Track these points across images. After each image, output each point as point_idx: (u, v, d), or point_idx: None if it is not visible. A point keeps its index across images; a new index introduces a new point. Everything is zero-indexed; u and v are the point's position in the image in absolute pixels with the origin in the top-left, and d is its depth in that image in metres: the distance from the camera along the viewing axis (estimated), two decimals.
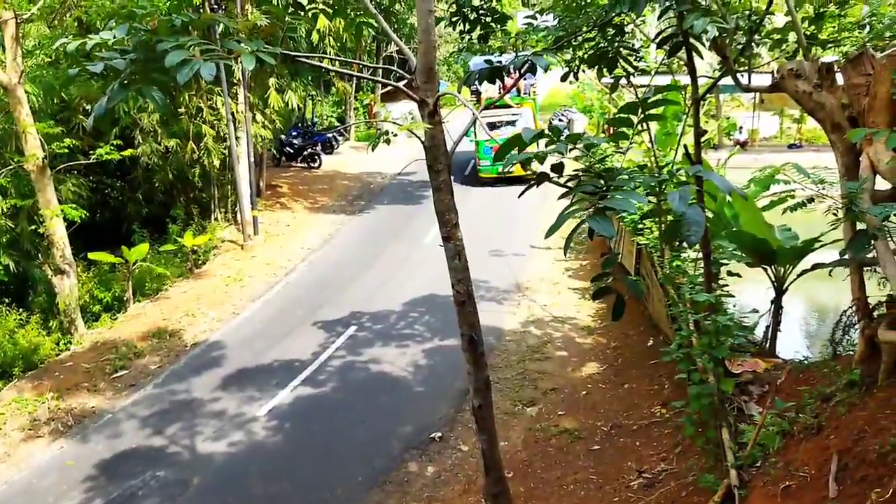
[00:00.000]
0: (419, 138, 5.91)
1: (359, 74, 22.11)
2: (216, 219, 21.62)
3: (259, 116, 21.79)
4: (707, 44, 7.07)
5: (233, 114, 19.37)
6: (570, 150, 4.56)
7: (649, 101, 4.65)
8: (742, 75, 7.62)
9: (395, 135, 7.89)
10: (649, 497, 7.30)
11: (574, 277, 15.59)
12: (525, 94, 24.82)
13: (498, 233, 18.38)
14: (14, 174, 14.38)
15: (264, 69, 19.67)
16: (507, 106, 23.11)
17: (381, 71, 31.60)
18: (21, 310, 14.50)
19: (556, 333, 12.71)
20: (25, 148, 13.58)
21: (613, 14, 6.43)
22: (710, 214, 9.46)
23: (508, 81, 18.24)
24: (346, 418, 10.50)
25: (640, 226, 12.82)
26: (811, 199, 7.87)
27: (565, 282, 15.35)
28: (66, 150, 14.48)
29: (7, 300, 14.59)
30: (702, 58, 7.55)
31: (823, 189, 8.04)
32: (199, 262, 18.57)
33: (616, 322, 12.66)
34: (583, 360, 11.51)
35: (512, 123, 22.84)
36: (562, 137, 4.17)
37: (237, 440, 10.16)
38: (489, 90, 23.96)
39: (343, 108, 38.94)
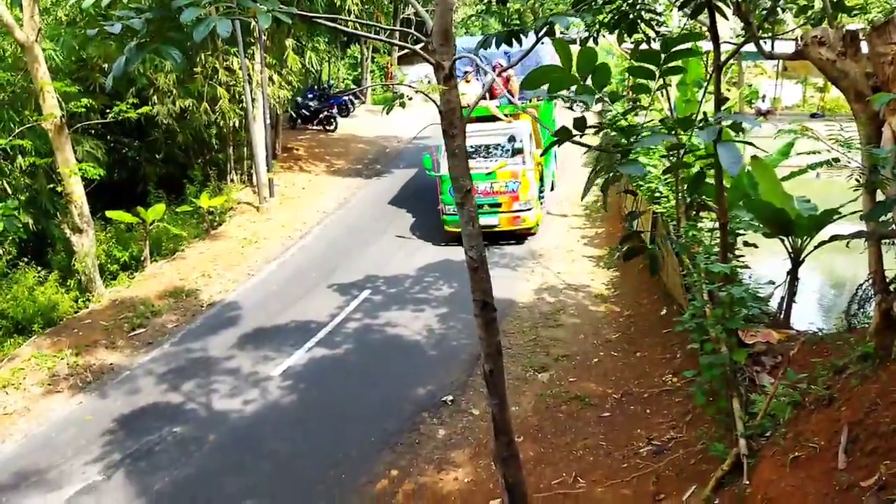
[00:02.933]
0: (434, 102, 5.86)
1: (375, 37, 21.81)
2: (232, 180, 21.68)
3: (276, 77, 21.68)
4: (731, 8, 6.92)
5: (249, 74, 19.27)
6: (598, 100, 4.54)
7: (671, 49, 4.56)
8: (765, 42, 7.46)
9: (411, 98, 7.83)
10: (658, 464, 7.36)
11: (589, 245, 15.54)
12: (522, 99, 16.23)
13: None
14: (32, 133, 14.43)
15: (281, 29, 19.37)
16: (495, 119, 15.79)
17: (398, 33, 31.30)
18: (40, 268, 14.68)
19: (569, 301, 12.71)
20: (43, 107, 13.60)
21: None
22: (727, 185, 9.36)
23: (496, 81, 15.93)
24: (360, 380, 10.63)
25: (657, 194, 12.74)
26: (836, 160, 7.76)
27: (580, 249, 15.31)
28: (84, 110, 14.50)
29: (26, 258, 14.77)
30: (726, 18, 7.38)
31: (848, 153, 7.92)
32: (215, 223, 18.68)
33: (629, 290, 12.68)
34: (595, 328, 11.53)
35: (498, 147, 15.63)
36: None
37: (252, 399, 10.32)
38: (467, 93, 14.76)
39: (359, 70, 38.64)
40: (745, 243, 9.85)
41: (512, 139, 15.73)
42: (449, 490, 7.90)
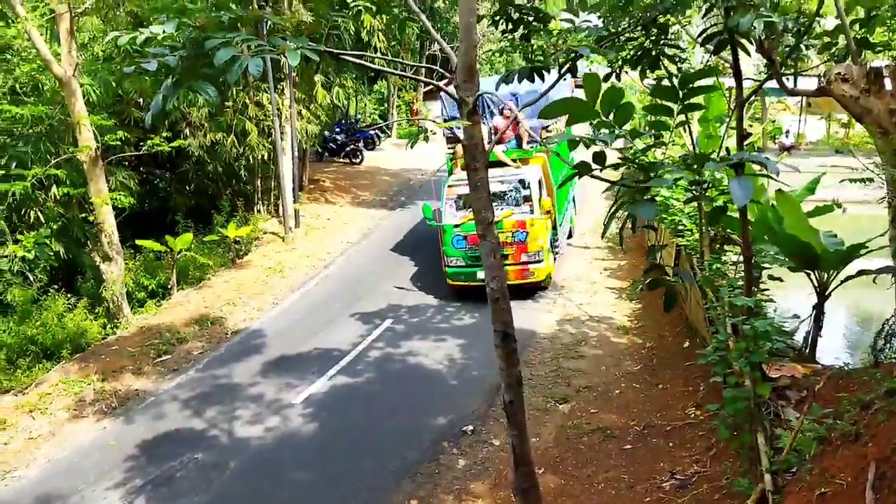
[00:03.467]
0: (458, 137, 6.00)
1: (401, 73, 22.14)
2: (259, 211, 22.02)
3: (304, 112, 22.12)
4: (754, 44, 6.99)
5: (278, 109, 19.71)
6: (618, 137, 4.61)
7: (689, 86, 4.62)
8: (788, 79, 7.50)
9: (434, 133, 8.00)
10: (681, 499, 7.26)
11: (612, 277, 15.50)
12: (532, 143, 15.35)
13: None
14: (68, 164, 14.85)
15: (310, 66, 19.75)
16: (502, 164, 14.65)
17: (423, 70, 31.79)
18: (70, 295, 14.95)
19: (591, 332, 12.67)
20: (79, 139, 14.03)
21: (657, 13, 6.40)
22: (752, 218, 9.35)
23: (500, 122, 14.77)
24: (381, 409, 10.64)
25: (681, 227, 12.71)
26: (871, 180, 7.74)
27: (602, 281, 15.27)
28: (119, 143, 14.93)
29: (56, 285, 15.05)
30: (749, 55, 7.45)
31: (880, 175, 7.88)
32: (242, 252, 18.95)
33: (652, 322, 12.60)
34: (617, 360, 11.46)
35: (505, 195, 14.38)
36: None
37: (273, 426, 10.37)
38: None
39: (386, 105, 39.25)
40: (770, 277, 9.78)
41: (519, 187, 14.45)
42: None
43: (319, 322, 14.25)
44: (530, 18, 7.42)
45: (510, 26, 7.43)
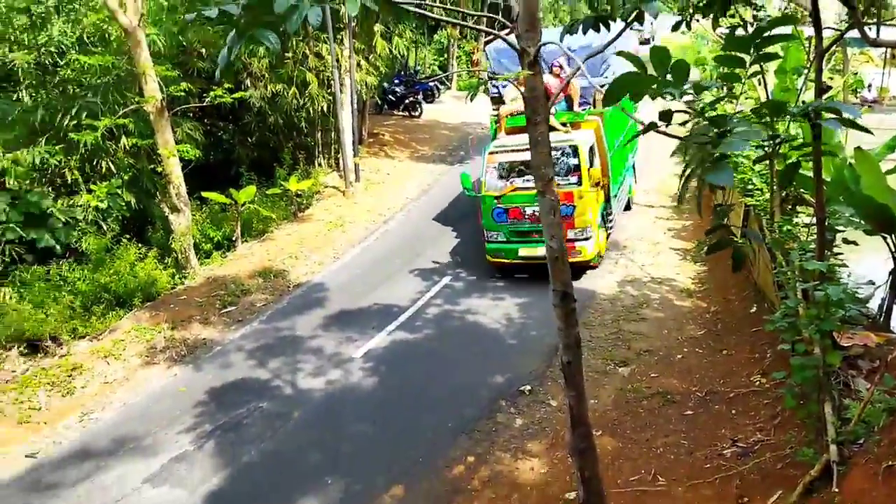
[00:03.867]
0: (502, 97, 5.84)
1: (461, 23, 21.66)
2: (320, 164, 22.23)
3: (363, 63, 22.01)
4: None
5: (337, 60, 19.65)
6: (682, 93, 4.40)
7: (763, 34, 4.36)
8: (871, 28, 7.00)
9: (495, 85, 7.83)
10: (742, 466, 7.13)
11: (676, 238, 15.12)
12: (584, 103, 14.30)
13: None
14: (135, 115, 15.21)
15: (369, 15, 19.54)
16: (552, 129, 11.94)
17: (484, 20, 31.10)
18: (140, 244, 15.48)
19: (653, 295, 12.43)
20: (145, 89, 14.32)
21: None
22: (827, 178, 8.89)
23: (554, 83, 12.59)
24: (439, 365, 10.76)
25: (750, 186, 12.23)
26: None
27: (666, 242, 14.91)
28: (183, 94, 15.19)
29: (128, 235, 15.61)
30: (830, 2, 6.98)
31: None
32: (303, 206, 19.22)
33: (717, 286, 12.27)
34: (680, 323, 11.24)
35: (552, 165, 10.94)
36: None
37: (335, 379, 10.62)
38: (516, 97, 12.95)
39: (445, 56, 38.72)
40: (845, 240, 9.34)
41: (568, 153, 12.82)
42: (524, 480, 7.91)
43: (379, 277, 14.40)
44: None
45: None
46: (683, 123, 4.91)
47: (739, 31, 7.71)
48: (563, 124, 13.35)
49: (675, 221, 16.08)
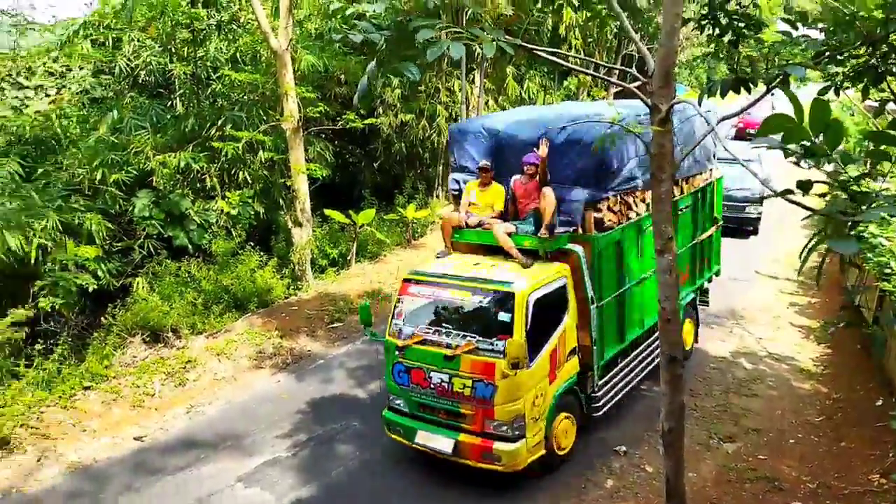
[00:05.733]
0: (645, 144, 5.83)
1: (594, 74, 21.66)
2: (437, 196, 22.66)
3: (491, 102, 22.40)
4: None
5: (467, 97, 20.11)
6: (824, 164, 4.20)
7: None
8: None
9: (621, 138, 7.73)
10: None
11: (800, 314, 14.25)
12: (566, 223, 9.00)
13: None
14: (274, 131, 16.14)
15: (504, 57, 19.85)
16: (504, 253, 8.99)
17: (615, 71, 30.96)
18: (262, 253, 16.25)
19: (768, 371, 11.73)
20: (285, 108, 15.22)
21: (891, 30, 5.71)
22: None
23: (523, 188, 9.15)
24: None
25: (887, 270, 11.40)
26: None
27: (788, 316, 14.09)
28: (319, 115, 16.00)
29: (252, 243, 16.42)
30: None
31: None
32: (417, 234, 19.62)
33: (841, 371, 11.44)
34: (796, 406, 10.53)
35: (477, 314, 8.54)
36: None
37: None
38: (476, 203, 9.50)
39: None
40: None
41: (492, 304, 8.26)
42: None
43: None
44: (741, 24, 6.97)
45: (717, 31, 7.02)
46: (822, 195, 4.66)
47: (891, 105, 7.28)
48: (525, 252, 8.78)
49: (799, 297, 15.18)
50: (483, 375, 7.98)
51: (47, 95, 17.20)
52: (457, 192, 10.12)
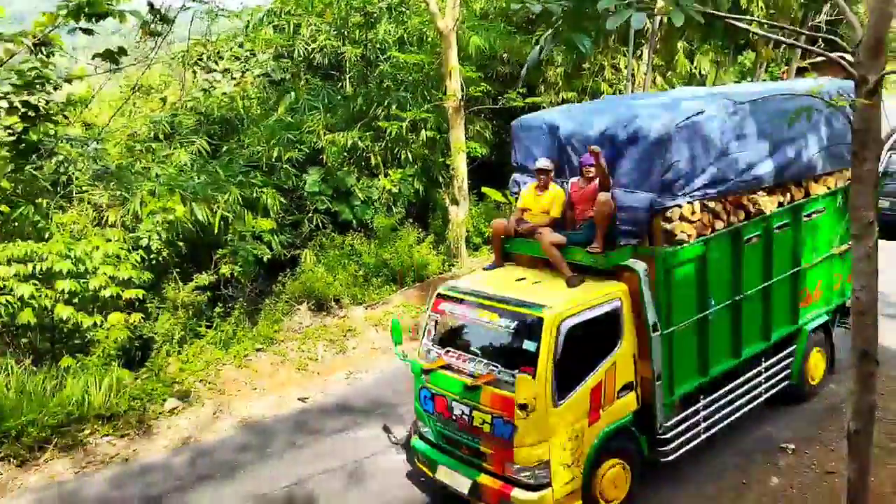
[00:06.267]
0: (848, 118, 5.34)
1: (783, 39, 20.09)
2: None
3: (658, 79, 21.37)
4: None
5: (633, 74, 19.31)
6: None
7: None
8: None
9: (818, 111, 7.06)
10: None
11: None
12: (628, 234, 7.42)
13: None
14: (436, 110, 16.42)
15: (678, 30, 18.75)
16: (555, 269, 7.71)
17: (803, 41, 28.45)
18: (420, 229, 16.65)
19: None
20: (448, 87, 15.41)
21: None
22: None
23: (582, 191, 7.88)
24: None
25: None
26: None
27: None
28: (481, 94, 16.05)
29: (411, 219, 16.86)
30: None
31: None
32: None
33: None
34: None
35: (505, 341, 7.28)
36: None
37: None
38: (531, 208, 8.17)
39: (749, 79, 36.14)
40: None
41: (519, 330, 7.05)
42: None
43: None
44: None
45: None
46: None
47: None
48: (577, 268, 7.57)
49: None
50: (502, 412, 6.81)
51: (233, 78, 18.68)
52: (516, 194, 8.86)
